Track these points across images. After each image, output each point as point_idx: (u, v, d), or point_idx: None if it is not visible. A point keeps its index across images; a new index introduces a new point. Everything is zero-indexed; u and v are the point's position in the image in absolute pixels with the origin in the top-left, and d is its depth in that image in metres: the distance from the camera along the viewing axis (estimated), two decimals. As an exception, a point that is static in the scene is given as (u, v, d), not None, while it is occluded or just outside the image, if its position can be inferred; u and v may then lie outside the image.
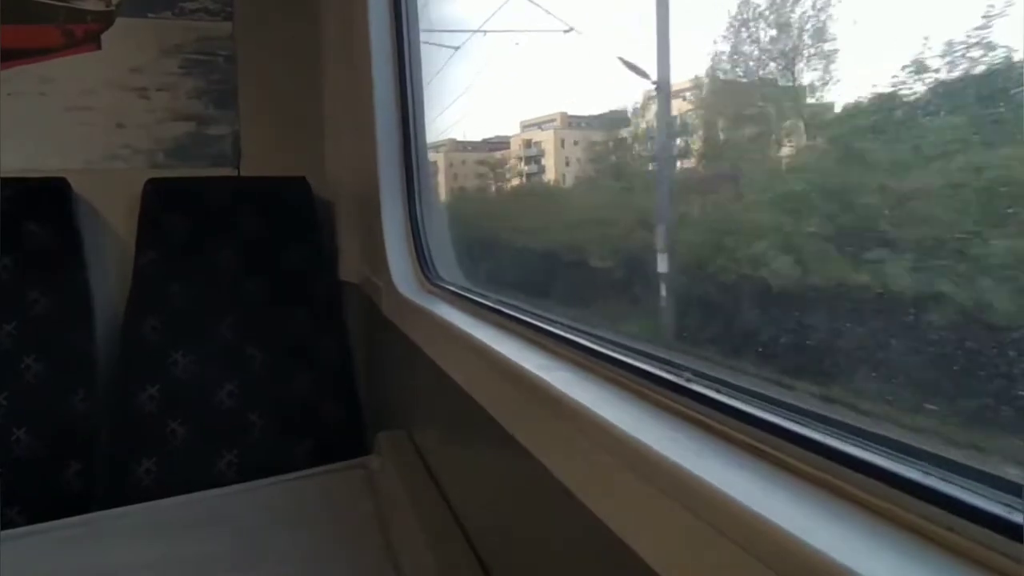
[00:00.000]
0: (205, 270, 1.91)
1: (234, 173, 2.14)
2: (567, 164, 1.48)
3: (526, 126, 1.60)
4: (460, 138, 1.96)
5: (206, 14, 2.14)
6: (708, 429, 0.52)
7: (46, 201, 1.83)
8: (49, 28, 1.99)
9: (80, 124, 2.03)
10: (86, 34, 2.04)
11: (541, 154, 1.52)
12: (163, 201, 1.92)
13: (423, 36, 1.57)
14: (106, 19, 2.05)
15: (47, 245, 1.81)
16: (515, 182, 1.67)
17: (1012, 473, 0.38)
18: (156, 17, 2.09)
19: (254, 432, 1.82)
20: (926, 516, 0.38)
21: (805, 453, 0.46)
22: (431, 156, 1.88)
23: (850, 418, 0.47)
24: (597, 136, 1.36)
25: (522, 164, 1.60)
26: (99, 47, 2.05)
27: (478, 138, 1.92)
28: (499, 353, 0.82)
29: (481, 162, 1.87)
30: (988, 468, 0.38)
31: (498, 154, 1.73)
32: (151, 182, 1.93)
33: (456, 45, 1.64)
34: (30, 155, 1.94)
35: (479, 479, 0.98)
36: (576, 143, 1.43)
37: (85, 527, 1.25)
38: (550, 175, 1.54)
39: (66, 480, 1.68)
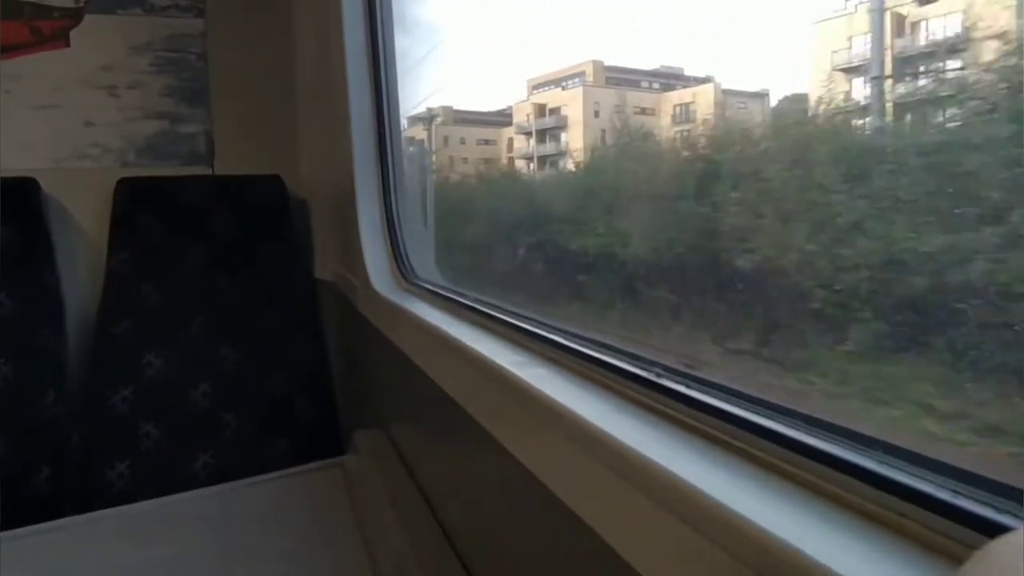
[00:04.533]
0: (178, 270, 1.89)
1: (207, 172, 2.12)
2: (604, 139, 1.10)
3: (537, 86, 1.23)
4: (461, 106, 1.65)
5: (177, 11, 2.11)
6: (678, 423, 0.52)
7: (14, 201, 1.79)
8: (15, 24, 1.95)
9: (48, 123, 1.99)
10: (54, 31, 2.00)
11: (562, 126, 1.17)
12: (135, 200, 1.90)
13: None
14: (75, 16, 2.01)
15: (16, 246, 1.77)
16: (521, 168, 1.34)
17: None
18: (126, 14, 2.06)
19: (229, 433, 1.80)
20: (888, 506, 0.39)
21: (774, 447, 0.46)
22: (419, 132, 1.78)
23: (818, 412, 0.47)
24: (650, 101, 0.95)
25: (529, 143, 1.25)
26: (68, 44, 2.01)
27: (488, 106, 1.54)
28: (475, 350, 0.82)
29: (486, 141, 1.53)
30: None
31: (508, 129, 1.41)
32: (123, 181, 1.90)
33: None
34: (-3, 154, 1.89)
35: (457, 477, 0.98)
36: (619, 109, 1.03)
37: (56, 533, 1.22)
38: (575, 158, 1.18)
39: (36, 485, 1.65)
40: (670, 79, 0.97)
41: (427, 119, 1.76)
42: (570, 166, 1.27)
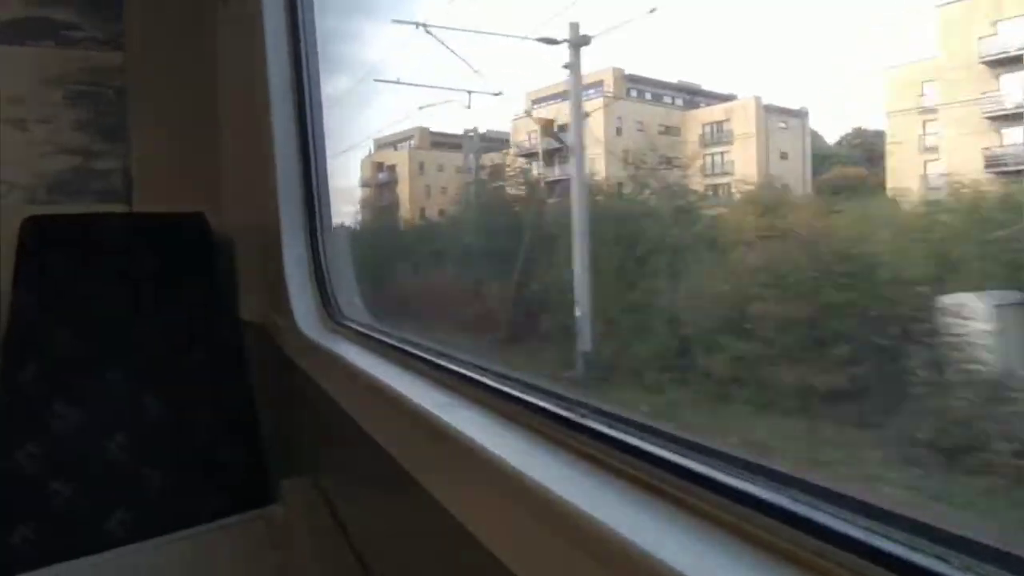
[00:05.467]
0: (93, 313, 1.78)
1: (126, 209, 2.02)
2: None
3: (539, 99, 1.15)
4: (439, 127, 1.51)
5: (94, 44, 2.04)
6: (601, 465, 0.52)
7: None
8: (-88, 56, 1.84)
9: (-52, 159, 1.87)
10: (-44, 62, 1.90)
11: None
12: (44, 240, 1.79)
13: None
14: (-21, 47, 1.91)
15: None
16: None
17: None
18: (36, 46, 1.97)
19: (149, 486, 1.69)
20: (808, 547, 0.39)
21: (696, 488, 0.46)
22: (390, 157, 1.66)
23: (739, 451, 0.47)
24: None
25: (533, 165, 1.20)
26: (-29, 76, 1.91)
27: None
28: (402, 394, 0.80)
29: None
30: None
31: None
32: (30, 220, 1.79)
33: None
34: None
35: (387, 525, 0.95)
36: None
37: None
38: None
39: None
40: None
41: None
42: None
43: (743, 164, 0.90)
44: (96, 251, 1.83)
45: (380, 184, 1.96)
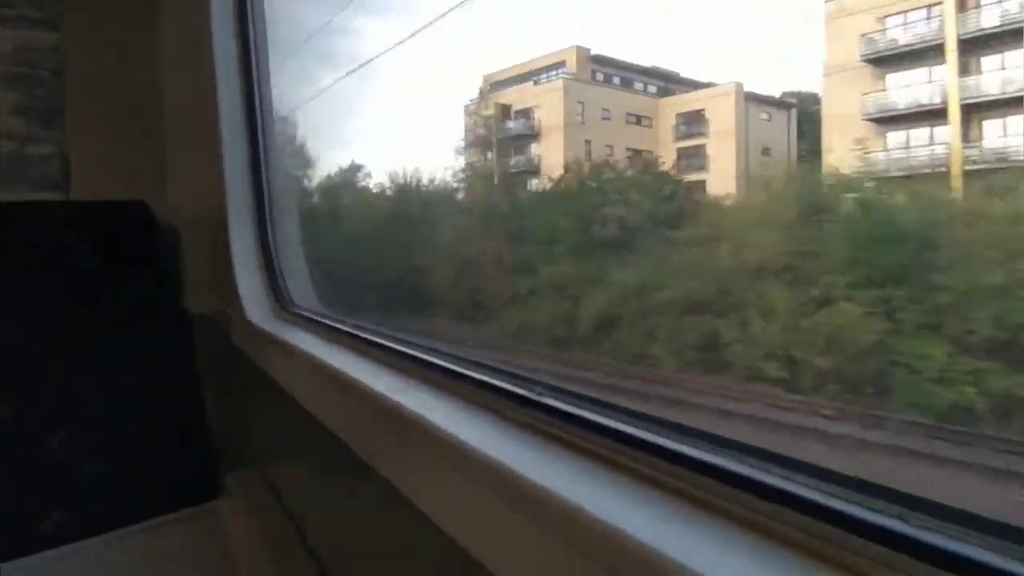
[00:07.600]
0: (29, 306, 1.69)
1: (63, 197, 1.93)
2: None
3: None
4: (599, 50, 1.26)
5: (27, 22, 1.93)
6: (559, 441, 0.51)
7: None
8: None
9: None
10: None
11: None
12: None
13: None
14: (-100, 24, 1.80)
15: None
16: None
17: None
18: (-36, 23, 1.86)
19: (90, 483, 1.62)
20: (769, 514, 0.39)
21: (654, 460, 0.45)
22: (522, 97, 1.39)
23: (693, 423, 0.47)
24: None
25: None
26: None
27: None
28: (355, 379, 0.78)
29: (638, 118, 1.14)
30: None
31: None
32: None
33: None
34: None
35: (340, 516, 0.92)
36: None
37: None
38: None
39: None
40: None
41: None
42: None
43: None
44: (33, 242, 1.74)
45: (510, 140, 1.48)
